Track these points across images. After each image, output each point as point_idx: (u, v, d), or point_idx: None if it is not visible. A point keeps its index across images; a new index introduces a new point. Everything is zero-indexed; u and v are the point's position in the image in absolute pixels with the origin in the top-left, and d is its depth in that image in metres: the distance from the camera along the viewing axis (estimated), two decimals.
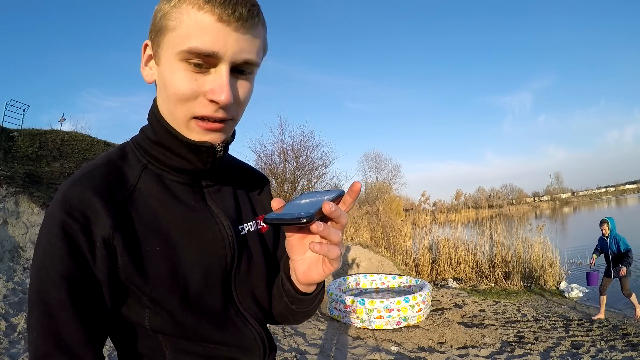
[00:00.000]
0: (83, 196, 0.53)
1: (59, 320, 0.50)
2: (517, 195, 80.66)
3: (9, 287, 4.52)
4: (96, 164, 0.58)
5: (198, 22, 0.51)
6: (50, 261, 0.51)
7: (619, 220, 6.38)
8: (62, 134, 10.03)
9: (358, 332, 4.52)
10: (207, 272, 0.60)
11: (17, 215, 5.89)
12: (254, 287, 0.67)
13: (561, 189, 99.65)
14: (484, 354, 3.86)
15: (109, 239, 0.53)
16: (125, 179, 0.58)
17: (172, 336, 0.58)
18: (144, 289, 0.55)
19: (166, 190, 0.60)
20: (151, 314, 0.56)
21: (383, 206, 13.99)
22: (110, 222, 0.53)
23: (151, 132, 0.61)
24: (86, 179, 0.55)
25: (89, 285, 0.52)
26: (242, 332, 0.63)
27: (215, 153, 0.59)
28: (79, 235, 0.52)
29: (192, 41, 0.51)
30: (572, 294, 6.79)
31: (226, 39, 0.52)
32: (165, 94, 0.56)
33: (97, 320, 0.53)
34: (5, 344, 3.40)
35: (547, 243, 8.02)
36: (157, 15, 0.55)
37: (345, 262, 7.79)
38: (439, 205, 15.08)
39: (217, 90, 0.53)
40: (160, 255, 0.56)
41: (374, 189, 30.21)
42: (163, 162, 0.61)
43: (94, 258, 0.52)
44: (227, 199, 0.67)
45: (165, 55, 0.55)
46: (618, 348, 3.92)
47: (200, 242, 0.60)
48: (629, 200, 59.45)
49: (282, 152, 12.85)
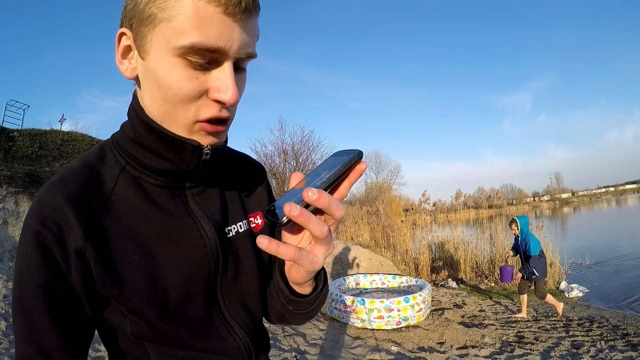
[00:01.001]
0: (55, 204, 0.50)
1: (38, 327, 0.50)
2: (517, 195, 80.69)
3: (9, 287, 4.52)
4: (72, 168, 0.55)
5: (200, 13, 0.44)
6: (27, 270, 0.50)
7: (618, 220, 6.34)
8: (62, 134, 10.04)
9: (358, 332, 4.52)
10: (188, 281, 0.56)
11: (17, 215, 5.89)
12: (243, 292, 0.62)
13: (561, 189, 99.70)
14: (484, 354, 3.86)
15: (81, 250, 0.50)
16: (102, 182, 0.54)
17: (154, 342, 0.56)
18: (120, 299, 0.52)
19: (144, 195, 0.55)
20: (131, 321, 0.54)
21: (383, 206, 13.99)
22: (82, 233, 0.50)
23: (130, 130, 0.55)
24: (60, 185, 0.52)
25: (66, 294, 0.51)
26: (226, 341, 0.60)
27: (201, 154, 0.53)
28: (53, 245, 0.49)
29: (194, 35, 0.45)
30: (572, 294, 6.79)
31: (232, 32, 0.47)
32: (160, 94, 0.49)
33: (76, 328, 0.52)
34: (5, 344, 3.40)
35: (547, 243, 8.01)
36: (139, 3, 0.47)
37: (345, 262, 7.79)
38: (439, 205, 15.09)
39: (224, 89, 0.48)
40: (137, 264, 0.53)
41: (374, 189, 30.18)
42: (141, 162, 0.55)
43: (69, 268, 0.50)
44: (212, 201, 0.62)
45: (157, 49, 0.47)
46: (618, 348, 3.92)
47: (179, 249, 0.56)
48: (629, 200, 59.46)
49: (282, 152, 12.86)
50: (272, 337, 4.10)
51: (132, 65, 0.52)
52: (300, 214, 0.38)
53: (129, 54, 0.52)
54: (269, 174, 13.01)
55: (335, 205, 0.40)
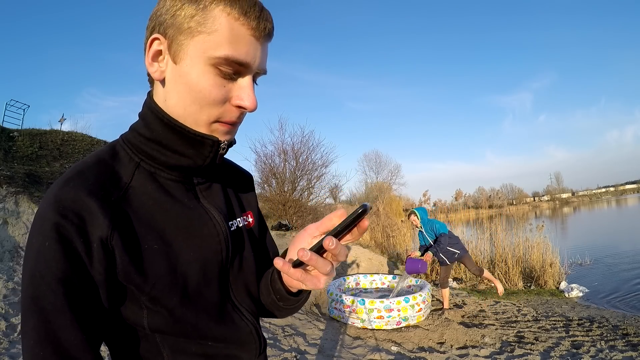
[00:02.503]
0: (77, 197, 0.51)
1: (56, 325, 0.49)
2: (517, 195, 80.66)
3: (9, 287, 4.52)
4: (87, 163, 0.56)
5: (235, 32, 0.53)
6: (44, 265, 0.49)
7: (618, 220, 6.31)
8: (62, 134, 10.04)
9: (358, 332, 4.52)
10: (205, 267, 0.60)
11: (17, 215, 5.89)
12: (247, 281, 0.68)
13: (561, 189, 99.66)
14: (484, 354, 3.86)
15: (106, 240, 0.51)
16: (119, 177, 0.57)
17: (171, 335, 0.57)
18: (143, 288, 0.54)
19: (160, 188, 0.60)
20: (150, 313, 0.56)
21: (383, 206, 14.00)
22: (108, 222, 0.52)
23: (145, 129, 0.59)
24: (78, 179, 0.53)
25: (86, 287, 0.51)
26: (239, 326, 0.64)
27: (218, 149, 0.60)
28: (74, 236, 0.50)
29: (227, 49, 0.53)
30: (572, 294, 6.78)
31: (255, 51, 0.56)
32: (190, 96, 0.55)
33: (95, 323, 0.52)
34: (5, 344, 3.40)
35: (547, 243, 8.01)
36: (179, 13, 0.54)
37: (345, 262, 7.79)
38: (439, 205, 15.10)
39: (246, 98, 0.56)
40: (158, 253, 0.56)
41: (374, 189, 30.21)
42: (157, 159, 0.60)
43: (91, 260, 0.51)
44: (217, 196, 0.68)
45: (192, 57, 0.54)
46: (618, 348, 3.92)
47: (196, 238, 0.60)
48: (629, 200, 59.44)
49: (282, 152, 12.86)
50: (272, 337, 4.10)
51: (162, 68, 0.57)
52: (309, 259, 0.51)
53: (159, 57, 0.57)
54: (269, 174, 13.04)
55: (342, 252, 0.52)
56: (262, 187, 13.15)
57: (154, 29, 0.56)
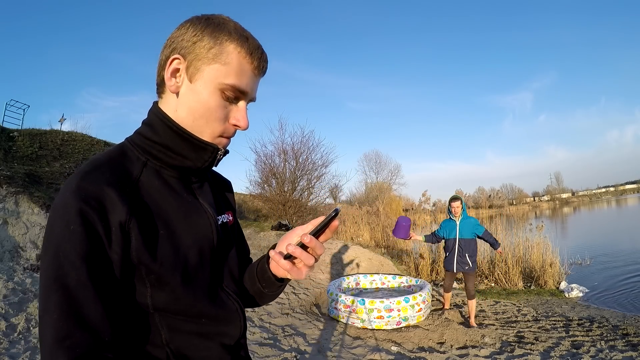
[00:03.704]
0: (98, 187, 0.59)
1: (78, 300, 0.54)
2: (517, 195, 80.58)
3: (9, 287, 4.52)
4: (101, 160, 0.64)
5: (242, 67, 0.67)
6: (69, 245, 0.55)
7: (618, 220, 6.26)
8: (62, 134, 10.04)
9: (358, 332, 4.52)
10: (200, 251, 0.70)
11: (17, 215, 5.89)
12: (231, 268, 0.79)
13: (561, 189, 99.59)
14: (484, 354, 3.86)
15: (124, 224, 0.59)
16: (129, 173, 0.65)
17: (171, 313, 0.65)
18: (152, 267, 0.62)
19: (165, 184, 0.69)
20: (154, 292, 0.63)
21: (383, 206, 14.00)
22: (126, 209, 0.60)
23: (152, 134, 0.69)
24: (96, 172, 0.61)
25: (106, 266, 0.58)
26: (227, 304, 0.74)
27: (217, 155, 0.72)
28: (96, 221, 0.57)
29: (234, 79, 0.67)
30: (572, 294, 6.78)
31: (253, 84, 0.71)
32: (199, 111, 0.68)
33: (113, 299, 0.58)
34: (5, 344, 3.40)
35: (547, 243, 8.01)
36: (199, 44, 0.66)
37: (345, 262, 7.79)
38: (439, 205, 15.09)
39: (241, 119, 0.70)
40: (164, 237, 0.65)
41: (374, 189, 30.21)
42: (162, 160, 0.70)
43: (110, 241, 0.58)
44: (208, 194, 0.78)
45: (206, 80, 0.66)
46: (618, 348, 3.92)
47: (194, 227, 0.70)
48: (629, 200, 59.43)
49: (282, 152, 12.85)
50: (272, 337, 4.10)
51: (178, 84, 0.68)
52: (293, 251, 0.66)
53: (177, 74, 0.68)
54: (269, 174, 13.03)
55: (318, 246, 0.67)
56: (262, 187, 13.14)
57: (174, 50, 0.67)
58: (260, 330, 4.29)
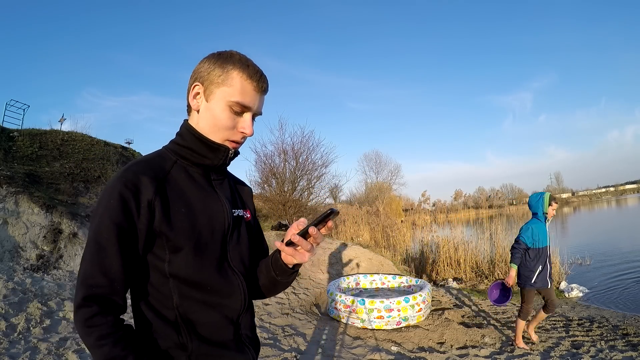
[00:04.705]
0: (135, 175, 0.81)
1: (105, 253, 0.76)
2: (517, 195, 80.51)
3: (9, 287, 4.51)
4: (142, 158, 0.89)
5: (244, 87, 0.88)
6: (107, 213, 0.77)
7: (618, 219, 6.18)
8: (62, 134, 10.03)
9: (358, 332, 4.52)
10: (213, 230, 0.89)
11: (17, 215, 5.89)
12: (241, 252, 0.95)
13: (561, 189, 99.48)
14: (484, 354, 3.86)
15: (151, 201, 0.81)
16: (163, 167, 0.88)
17: (182, 279, 0.83)
18: (170, 236, 0.82)
19: (190, 177, 0.91)
20: (172, 256, 0.82)
21: (383, 206, 14.00)
22: (154, 190, 0.82)
23: (182, 140, 0.93)
24: (137, 165, 0.84)
25: (131, 233, 0.79)
26: (231, 280, 0.90)
27: (228, 154, 0.93)
28: (131, 199, 0.79)
29: (239, 97, 0.88)
30: (572, 294, 6.78)
31: (255, 100, 0.90)
32: (213, 122, 0.89)
33: (131, 260, 0.79)
34: (5, 344, 3.40)
35: None
36: (212, 72, 0.89)
37: (345, 262, 7.79)
38: (439, 205, 15.09)
39: (247, 128, 0.91)
40: (184, 215, 0.85)
41: (374, 189, 30.17)
42: (188, 159, 0.92)
43: (139, 214, 0.79)
44: (226, 190, 0.99)
45: (217, 99, 0.88)
46: (618, 348, 3.92)
47: (209, 210, 0.90)
48: (629, 200, 59.41)
49: (282, 152, 12.83)
50: (272, 337, 4.10)
51: (199, 103, 0.91)
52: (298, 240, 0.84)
53: (197, 96, 0.91)
54: (269, 174, 13.03)
55: (319, 236, 0.84)
56: (262, 187, 13.12)
57: (196, 79, 0.91)
58: (261, 330, 4.29)
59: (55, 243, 5.83)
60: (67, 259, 5.72)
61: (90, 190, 8.12)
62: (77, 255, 5.86)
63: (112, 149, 10.56)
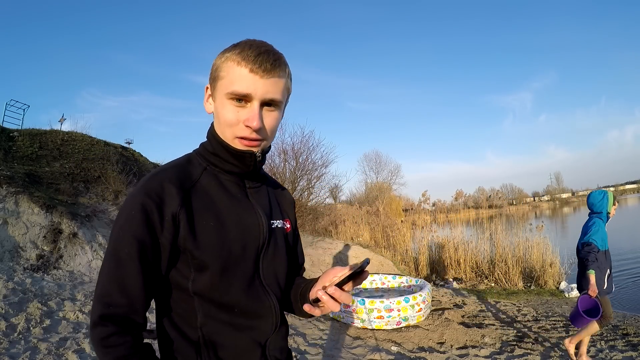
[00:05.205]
0: (160, 184, 0.75)
1: (125, 270, 0.70)
2: (517, 195, 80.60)
3: (9, 287, 4.51)
4: (169, 165, 0.82)
5: (237, 73, 0.75)
6: (128, 225, 0.71)
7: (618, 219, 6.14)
8: (62, 134, 10.03)
9: (358, 332, 4.52)
10: (245, 246, 0.80)
11: (17, 215, 5.89)
12: (276, 270, 0.87)
13: (561, 189, 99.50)
14: (484, 354, 3.86)
15: (176, 214, 0.74)
16: (190, 175, 0.80)
17: (208, 299, 0.76)
18: (195, 253, 0.74)
19: (220, 185, 0.83)
20: (197, 275, 0.75)
21: (383, 206, 14.00)
22: (179, 202, 0.74)
23: (209, 146, 0.85)
24: (162, 173, 0.77)
25: (153, 248, 0.72)
26: (262, 300, 0.82)
27: (255, 158, 0.81)
28: (154, 210, 0.72)
29: (234, 86, 0.75)
30: (572, 294, 6.78)
31: (255, 84, 0.75)
32: (218, 120, 0.80)
33: (153, 277, 0.73)
34: (5, 344, 3.40)
35: (547, 243, 8.01)
36: (213, 68, 0.80)
37: (345, 262, 7.79)
38: (439, 205, 15.10)
39: (250, 119, 0.76)
40: (212, 229, 0.77)
41: (374, 189, 30.16)
42: (218, 166, 0.83)
43: (162, 228, 0.73)
44: (263, 199, 0.90)
45: (219, 95, 0.79)
46: (618, 348, 3.92)
47: (242, 224, 0.81)
48: (629, 200, 59.43)
49: (282, 152, 12.82)
50: None
51: (210, 105, 0.84)
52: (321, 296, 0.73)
53: (209, 99, 0.84)
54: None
55: (343, 297, 0.73)
56: None
57: (209, 81, 0.83)
58: None
59: (55, 243, 5.83)
60: (67, 259, 5.72)
61: (90, 190, 8.12)
62: (77, 255, 5.87)
63: (112, 149, 10.57)
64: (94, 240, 6.34)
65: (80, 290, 5.05)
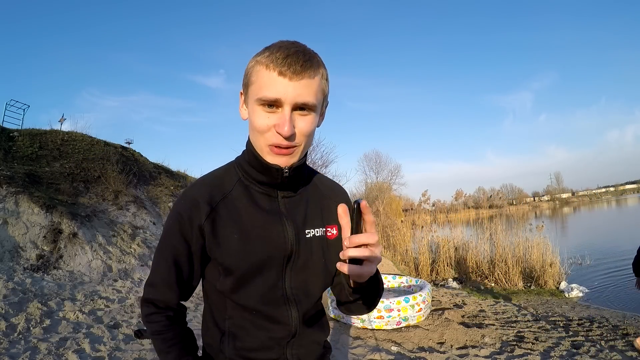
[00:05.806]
0: (193, 197, 0.83)
1: (163, 267, 0.85)
2: (517, 195, 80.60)
3: (9, 287, 4.51)
4: (207, 175, 0.88)
5: (266, 77, 0.74)
6: (167, 231, 0.85)
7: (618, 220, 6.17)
8: (62, 134, 10.02)
9: (358, 332, 4.52)
10: (269, 257, 0.83)
11: (17, 215, 5.89)
12: (307, 279, 0.87)
13: (561, 189, 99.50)
14: (484, 354, 3.86)
15: (202, 225, 0.81)
16: (224, 186, 0.85)
17: (231, 298, 0.84)
18: (219, 259, 0.82)
19: (250, 197, 0.85)
20: (222, 277, 0.83)
21: (383, 206, 14.00)
22: (206, 214, 0.82)
23: (246, 156, 0.86)
24: (199, 185, 0.86)
25: (187, 254, 0.84)
26: (281, 309, 0.85)
27: (282, 173, 0.80)
28: (186, 222, 0.82)
29: (263, 91, 0.74)
30: (572, 294, 6.79)
31: (286, 88, 0.73)
32: (251, 128, 0.80)
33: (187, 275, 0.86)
34: (5, 344, 3.40)
35: (547, 243, 8.02)
36: (245, 73, 0.80)
37: None
38: (439, 205, 15.09)
39: (281, 125, 0.74)
40: (236, 239, 0.82)
41: (374, 189, 30.14)
42: (251, 176, 0.85)
43: (192, 236, 0.82)
44: (298, 208, 0.88)
45: (250, 101, 0.78)
46: (618, 348, 3.92)
47: (267, 235, 0.83)
48: (629, 200, 59.41)
49: None
50: None
51: (245, 111, 0.83)
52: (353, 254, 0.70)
53: (243, 105, 0.84)
54: None
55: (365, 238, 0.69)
56: None
57: (242, 87, 0.83)
58: None
59: (55, 243, 5.83)
60: (67, 259, 5.72)
61: (90, 190, 8.12)
62: (77, 255, 5.87)
63: (112, 149, 10.56)
64: (94, 240, 6.34)
65: (80, 290, 5.06)
